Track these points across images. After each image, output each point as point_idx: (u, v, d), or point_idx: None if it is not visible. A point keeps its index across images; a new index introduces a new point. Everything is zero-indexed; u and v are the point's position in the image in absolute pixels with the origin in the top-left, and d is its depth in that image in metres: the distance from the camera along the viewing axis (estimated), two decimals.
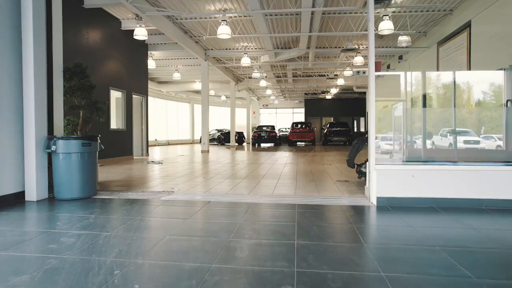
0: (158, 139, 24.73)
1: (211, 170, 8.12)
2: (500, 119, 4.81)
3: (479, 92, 5.34)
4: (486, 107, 5.35)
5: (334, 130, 23.21)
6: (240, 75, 21.35)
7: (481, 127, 5.10)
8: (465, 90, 5.41)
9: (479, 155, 4.81)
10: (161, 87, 23.42)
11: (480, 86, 5.34)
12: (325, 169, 8.25)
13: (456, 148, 5.00)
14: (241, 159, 11.61)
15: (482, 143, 4.91)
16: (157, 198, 4.57)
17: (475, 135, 5.00)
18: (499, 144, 4.84)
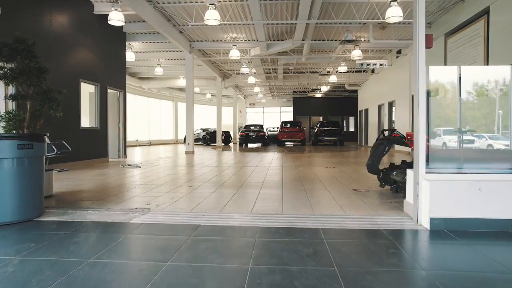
0: (139, 139, 23.21)
1: (196, 176, 6.87)
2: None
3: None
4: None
5: (325, 130, 22.22)
6: (227, 71, 20.09)
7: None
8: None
9: None
10: (142, 84, 21.91)
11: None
12: (331, 173, 7.11)
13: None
14: (230, 161, 10.39)
15: None
16: (126, 221, 3.31)
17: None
18: None
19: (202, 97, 29.15)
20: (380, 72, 17.91)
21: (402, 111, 14.42)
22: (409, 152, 10.25)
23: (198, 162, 10.05)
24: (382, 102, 17.47)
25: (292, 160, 10.63)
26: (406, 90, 13.99)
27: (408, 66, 13.82)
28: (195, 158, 11.69)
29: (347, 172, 7.28)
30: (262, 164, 9.12)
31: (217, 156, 12.52)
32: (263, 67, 17.13)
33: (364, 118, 21.41)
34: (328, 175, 6.88)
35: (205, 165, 9.01)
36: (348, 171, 7.47)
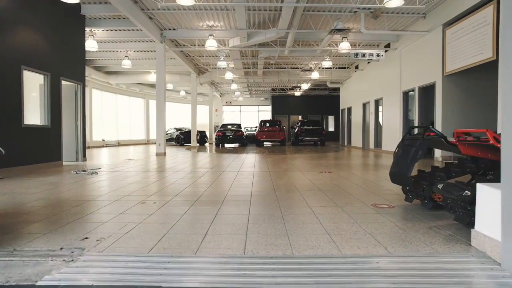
0: (107, 139, 21.33)
1: (165, 185, 5.49)
2: None
3: None
4: None
5: (305, 129, 21.17)
6: (203, 65, 18.64)
7: None
8: None
9: None
10: (110, 78, 20.07)
11: None
12: (331, 180, 5.90)
13: None
14: (206, 165, 9.02)
15: None
16: (32, 281, 1.92)
17: None
18: None
19: (175, 94, 27.48)
20: (365, 68, 17.00)
21: (391, 109, 13.50)
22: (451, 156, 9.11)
23: (169, 166, 8.62)
24: (367, 100, 16.56)
25: (278, 163, 9.38)
26: (396, 86, 13.07)
27: (398, 61, 12.91)
28: (166, 161, 10.23)
29: (349, 179, 6.10)
30: (244, 169, 7.81)
31: (192, 159, 11.10)
32: (242, 60, 15.82)
33: (347, 117, 20.51)
34: (328, 183, 5.66)
35: (177, 170, 7.60)
36: (350, 177, 6.29)
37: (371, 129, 15.97)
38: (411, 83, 11.87)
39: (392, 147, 13.60)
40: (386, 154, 12.94)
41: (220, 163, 9.44)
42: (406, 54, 12.32)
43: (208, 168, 8.10)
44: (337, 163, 9.43)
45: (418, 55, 11.39)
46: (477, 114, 9.91)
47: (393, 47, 13.23)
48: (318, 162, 9.71)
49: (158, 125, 12.80)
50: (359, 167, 8.42)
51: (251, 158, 10.98)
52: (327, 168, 8.00)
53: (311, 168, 8.04)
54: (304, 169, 7.78)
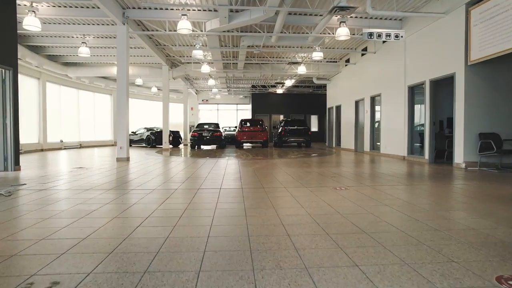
0: (66, 140, 18.70)
1: (112, 218, 3.38)
2: None
3: None
4: None
5: (290, 129, 19.33)
6: (175, 57, 16.41)
7: None
8: None
9: None
10: (68, 71, 17.45)
11: None
12: (362, 206, 3.97)
13: None
14: (178, 177, 6.94)
15: None
16: None
17: None
18: None
19: (147, 91, 25.04)
20: (358, 61, 15.30)
21: (392, 106, 11.80)
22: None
23: (126, 178, 6.47)
24: (361, 97, 14.86)
25: (269, 172, 7.39)
26: (399, 80, 11.39)
27: (402, 51, 11.22)
28: (126, 170, 8.04)
29: (390, 204, 4.19)
30: (228, 183, 5.79)
31: (160, 166, 8.94)
32: (221, 49, 13.73)
33: (336, 116, 18.81)
34: (361, 212, 3.72)
35: (136, 186, 5.48)
36: (387, 199, 4.39)
37: (366, 130, 14.27)
38: (420, 76, 10.18)
39: (395, 150, 11.99)
40: (389, 159, 11.20)
41: (195, 173, 7.36)
42: (412, 43, 10.63)
43: (179, 182, 6.01)
44: (341, 171, 7.55)
45: (429, 43, 9.69)
46: (505, 111, 8.31)
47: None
48: (318, 170, 7.80)
49: (120, 125, 10.54)
50: (378, 177, 6.56)
51: (233, 165, 8.94)
52: (336, 180, 6.09)
53: (316, 180, 6.10)
54: (309, 182, 5.83)
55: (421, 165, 9.06)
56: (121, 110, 10.52)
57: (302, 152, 14.81)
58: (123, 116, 10.50)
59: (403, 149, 11.16)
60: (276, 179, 6.31)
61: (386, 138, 12.47)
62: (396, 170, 7.96)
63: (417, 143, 10.76)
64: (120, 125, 10.52)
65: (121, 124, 10.52)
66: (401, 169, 8.09)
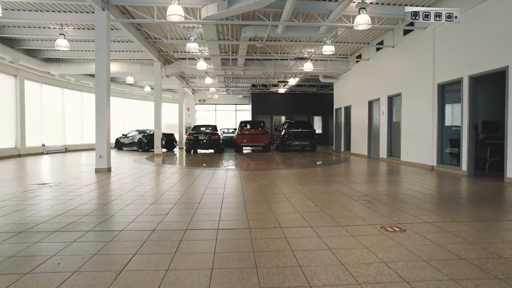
0: (49, 144, 17.04)
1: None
2: None
3: None
4: None
5: (294, 132, 17.76)
6: (168, 52, 14.77)
7: None
8: None
9: None
10: (50, 68, 15.76)
11: None
12: (437, 270, 2.37)
13: None
14: (169, 196, 5.33)
15: None
16: None
17: None
18: None
19: (139, 90, 23.39)
20: (372, 57, 13.71)
21: (417, 107, 10.21)
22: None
23: (94, 206, 4.84)
24: (376, 96, 13.27)
25: (282, 192, 5.77)
26: (426, 78, 9.81)
27: (430, 43, 9.63)
28: (102, 187, 6.40)
29: (499, 272, 2.58)
30: (228, 216, 4.18)
31: (144, 182, 7.29)
32: (219, 42, 12.09)
33: (344, 117, 17.21)
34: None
35: (99, 222, 3.86)
36: (486, 260, 2.78)
37: (382, 134, 12.67)
38: (454, 72, 8.59)
39: (419, 158, 10.13)
40: (413, 169, 9.60)
41: (186, 194, 5.74)
42: (443, 33, 9.05)
43: (161, 213, 4.39)
44: (372, 190, 5.94)
45: (467, 31, 8.10)
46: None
47: (421, 26, 9.95)
48: (342, 188, 6.19)
49: (99, 128, 8.91)
50: (432, 204, 4.95)
51: (233, 180, 7.31)
52: (376, 209, 4.48)
53: (349, 210, 4.49)
54: (340, 214, 4.23)
55: (461, 179, 7.46)
56: (101, 111, 8.88)
57: (309, 158, 13.20)
58: (103, 119, 8.87)
59: (431, 157, 9.56)
60: (293, 206, 4.70)
61: (408, 143, 10.88)
62: (443, 188, 6.34)
63: (450, 150, 9.17)
64: (100, 129, 8.88)
65: (101, 128, 8.88)
66: (447, 187, 6.48)
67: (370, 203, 4.89)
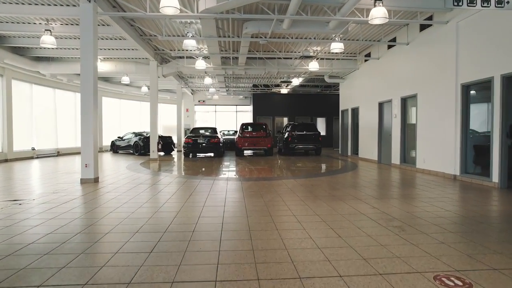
0: (40, 147, 16.13)
1: None
2: None
3: None
4: None
5: (298, 135, 16.86)
6: (165, 50, 13.84)
7: None
8: None
9: None
10: (39, 67, 14.84)
11: None
12: None
13: None
14: (151, 226, 4.40)
15: None
16: None
17: None
18: None
19: (136, 90, 22.46)
20: (383, 56, 12.78)
21: (434, 109, 9.28)
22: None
23: (71, 229, 3.91)
24: (387, 98, 12.34)
25: (293, 214, 4.84)
26: (447, 77, 8.88)
27: (452, 39, 8.70)
28: (82, 205, 5.47)
29: None
30: (229, 257, 3.26)
31: (137, 194, 6.36)
32: (218, 40, 11.14)
33: (351, 120, 16.28)
34: None
35: (70, 261, 2.94)
36: None
37: (395, 138, 11.73)
38: (483, 71, 7.66)
39: (439, 166, 9.06)
40: (433, 178, 8.66)
41: (181, 213, 4.82)
42: (469, 27, 8.12)
43: (144, 250, 3.48)
44: (402, 211, 5.01)
45: (499, 25, 7.17)
46: None
47: (442, 20, 9.03)
48: (363, 208, 5.26)
49: (84, 132, 7.99)
50: (485, 235, 4.03)
51: (234, 194, 6.39)
52: (418, 245, 3.57)
53: (385, 247, 3.56)
54: (376, 254, 3.31)
55: (497, 193, 6.53)
56: (87, 114, 7.97)
57: (315, 164, 12.28)
58: (89, 122, 7.96)
59: (453, 165, 8.63)
60: (310, 237, 3.77)
61: (425, 149, 9.95)
62: (485, 207, 5.40)
63: (475, 158, 8.23)
64: (85, 134, 7.97)
65: (87, 133, 7.97)
66: (489, 205, 5.54)
67: (403, 231, 3.97)
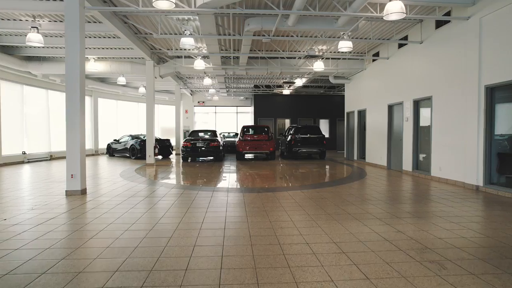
0: (32, 151, 15.41)
1: None
2: None
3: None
4: None
5: (302, 138, 16.14)
6: (161, 49, 13.08)
7: None
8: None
9: None
10: (29, 67, 14.09)
11: None
12: None
13: None
14: (147, 245, 3.64)
15: None
16: None
17: None
18: None
19: (133, 91, 21.74)
20: (392, 55, 12.03)
21: (453, 113, 8.52)
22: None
23: (39, 266, 3.16)
24: (397, 100, 11.59)
25: (319, 227, 4.09)
26: (467, 78, 8.13)
27: (474, 36, 7.95)
28: (67, 223, 4.72)
29: None
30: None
31: (125, 212, 5.61)
32: (218, 38, 10.37)
33: (358, 122, 15.52)
34: None
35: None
36: None
37: (406, 143, 10.98)
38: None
39: (457, 174, 8.15)
40: (451, 188, 7.89)
41: (172, 242, 4.08)
42: (494, 23, 7.37)
43: (139, 282, 2.72)
44: (434, 237, 4.26)
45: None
46: None
47: (462, 15, 8.28)
48: (390, 231, 4.51)
49: (70, 140, 7.24)
50: None
51: (237, 210, 5.65)
52: (461, 283, 2.82)
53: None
54: None
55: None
56: (72, 119, 7.22)
57: (321, 170, 11.53)
58: (74, 128, 7.21)
59: (475, 175, 7.87)
60: (332, 280, 3.02)
61: (441, 156, 9.20)
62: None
63: (501, 166, 7.47)
64: (71, 141, 7.22)
65: (72, 140, 7.21)
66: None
67: (444, 269, 3.21)
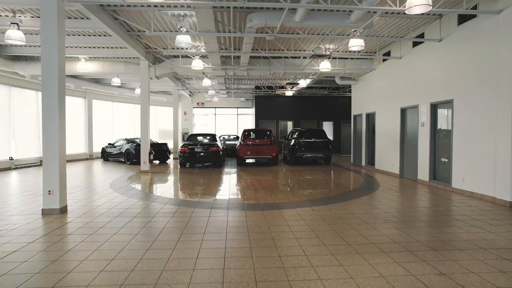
0: (20, 156, 14.50)
1: None
2: None
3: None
4: None
5: (306, 142, 15.25)
6: (157, 50, 12.16)
7: None
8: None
9: None
10: (15, 67, 13.13)
11: None
12: None
13: None
14: (133, 283, 2.73)
15: None
16: None
17: None
18: None
19: (129, 92, 20.83)
20: (405, 55, 11.12)
21: (479, 119, 7.60)
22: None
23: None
24: (412, 103, 10.68)
25: (343, 268, 3.20)
26: (497, 79, 7.21)
27: (495, 33, 7.03)
28: (33, 257, 3.80)
29: None
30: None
31: (110, 238, 4.70)
32: (217, 35, 9.42)
33: (366, 126, 14.61)
34: None
35: None
36: None
37: (422, 150, 10.07)
38: None
39: (485, 188, 7.13)
40: (478, 203, 6.97)
41: (161, 281, 3.17)
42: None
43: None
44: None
45: None
46: None
47: (492, 9, 7.35)
48: (441, 282, 3.62)
49: (47, 149, 6.33)
50: None
51: (237, 239, 4.75)
52: None
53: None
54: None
55: None
56: (50, 121, 6.32)
57: (328, 178, 10.63)
58: (53, 132, 6.30)
59: (508, 189, 6.96)
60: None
61: (464, 166, 8.29)
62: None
63: None
64: (48, 151, 6.30)
65: (50, 149, 6.30)
66: None
67: None
